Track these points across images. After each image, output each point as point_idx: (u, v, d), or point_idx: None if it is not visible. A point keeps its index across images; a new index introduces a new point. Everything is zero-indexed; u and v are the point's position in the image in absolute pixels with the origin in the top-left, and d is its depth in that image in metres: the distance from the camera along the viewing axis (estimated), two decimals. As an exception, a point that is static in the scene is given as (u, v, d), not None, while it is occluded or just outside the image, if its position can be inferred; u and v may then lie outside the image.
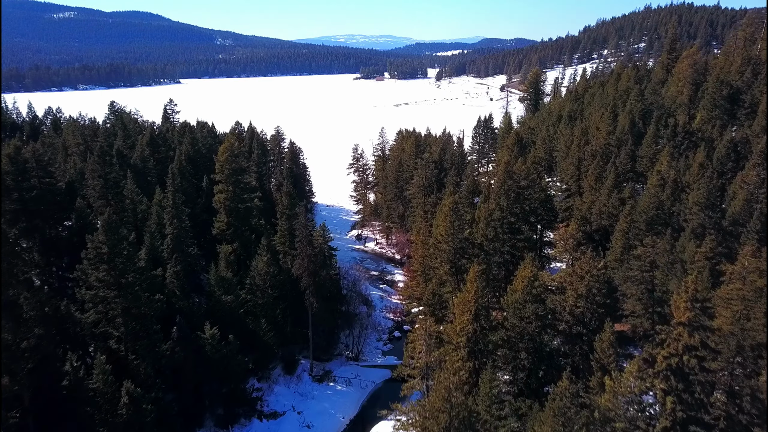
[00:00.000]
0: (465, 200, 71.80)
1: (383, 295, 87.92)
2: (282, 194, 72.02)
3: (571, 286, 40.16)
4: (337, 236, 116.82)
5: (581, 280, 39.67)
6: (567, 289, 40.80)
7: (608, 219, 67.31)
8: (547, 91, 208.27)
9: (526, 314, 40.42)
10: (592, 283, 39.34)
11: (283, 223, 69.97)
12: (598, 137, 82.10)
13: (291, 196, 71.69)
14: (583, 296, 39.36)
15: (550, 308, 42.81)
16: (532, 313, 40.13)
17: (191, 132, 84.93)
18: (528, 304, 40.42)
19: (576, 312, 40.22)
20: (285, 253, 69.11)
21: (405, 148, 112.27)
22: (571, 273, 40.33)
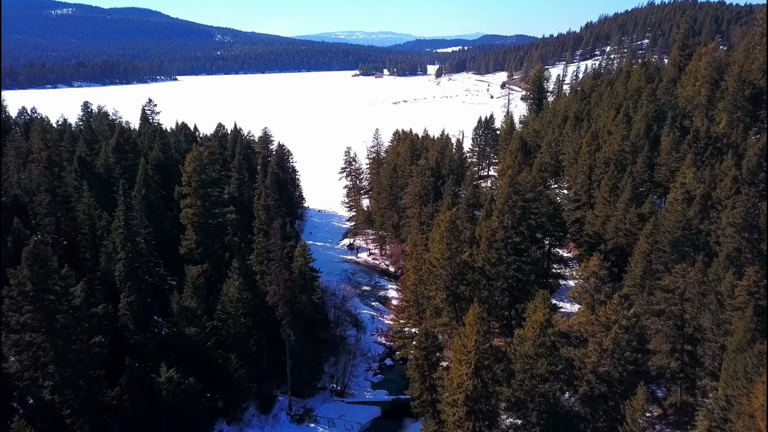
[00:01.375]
0: (464, 215, 64.21)
1: (375, 314, 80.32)
2: (260, 207, 64.40)
3: (594, 338, 32.67)
4: (327, 245, 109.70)
5: (607, 331, 32.18)
6: (588, 341, 33.29)
7: (626, 237, 59.72)
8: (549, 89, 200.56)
9: (538, 371, 32.95)
10: (620, 335, 31.81)
11: (260, 240, 62.36)
12: (610, 143, 74.42)
13: (268, 209, 64.02)
14: (609, 352, 31.87)
15: (565, 357, 35.23)
16: (546, 370, 32.65)
17: (162, 136, 77.23)
18: (541, 358, 32.93)
19: (600, 371, 32.73)
20: (263, 273, 61.49)
21: (400, 152, 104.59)
22: (594, 321, 32.82)
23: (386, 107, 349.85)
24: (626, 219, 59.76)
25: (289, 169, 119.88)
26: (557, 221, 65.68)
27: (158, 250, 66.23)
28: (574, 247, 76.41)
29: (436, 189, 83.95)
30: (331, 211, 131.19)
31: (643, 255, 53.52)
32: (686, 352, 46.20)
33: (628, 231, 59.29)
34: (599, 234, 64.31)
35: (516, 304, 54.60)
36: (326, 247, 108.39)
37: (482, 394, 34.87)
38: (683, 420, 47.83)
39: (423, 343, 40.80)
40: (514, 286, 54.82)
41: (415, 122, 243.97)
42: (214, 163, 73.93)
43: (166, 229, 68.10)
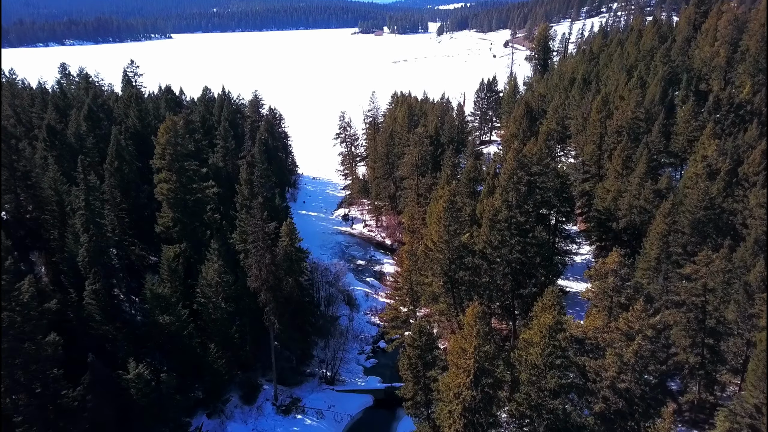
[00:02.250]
0: (464, 189, 59.17)
1: (369, 291, 76.19)
2: (243, 180, 59.33)
3: (613, 348, 28.19)
4: (321, 216, 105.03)
5: (628, 341, 27.71)
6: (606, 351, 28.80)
7: (640, 215, 54.84)
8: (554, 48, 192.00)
9: (547, 384, 28.60)
10: (644, 347, 27.31)
11: (243, 218, 57.59)
12: (623, 110, 68.73)
13: (252, 184, 58.98)
14: (630, 366, 27.43)
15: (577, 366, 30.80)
16: (557, 384, 28.30)
17: (139, 101, 71.36)
18: (550, 369, 28.53)
19: (619, 387, 28.37)
20: (247, 253, 56.98)
21: (398, 118, 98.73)
22: (613, 328, 28.29)
23: (386, 66, 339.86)
24: (641, 195, 54.77)
25: (280, 135, 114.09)
26: (565, 196, 60.73)
27: (135, 227, 61.59)
28: (582, 221, 71.71)
29: (435, 159, 78.59)
30: (326, 179, 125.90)
31: (660, 236, 48.78)
32: (707, 346, 41.95)
33: (642, 208, 54.39)
34: (610, 210, 59.41)
35: (520, 289, 50.16)
36: (320, 218, 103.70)
37: (482, 406, 30.66)
38: (700, 418, 43.99)
39: (417, 341, 36.44)
40: (517, 269, 50.23)
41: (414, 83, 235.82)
42: (194, 131, 68.46)
43: (144, 204, 63.27)
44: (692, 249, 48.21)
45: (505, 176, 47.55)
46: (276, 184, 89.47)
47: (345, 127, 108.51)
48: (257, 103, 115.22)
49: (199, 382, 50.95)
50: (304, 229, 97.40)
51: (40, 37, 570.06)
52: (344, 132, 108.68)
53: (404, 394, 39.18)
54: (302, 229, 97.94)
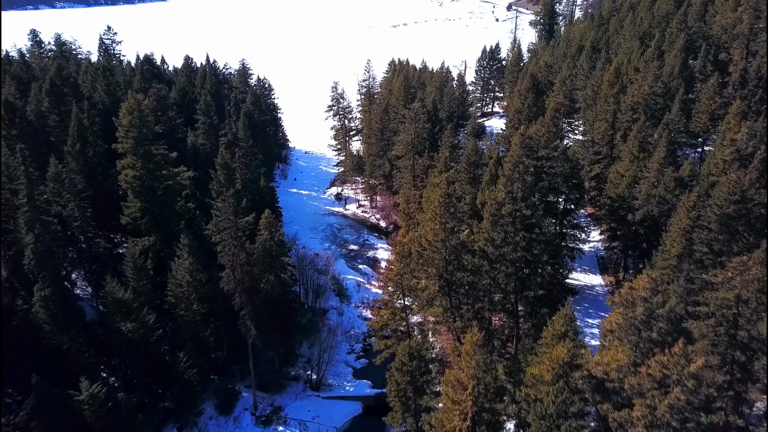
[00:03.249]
0: (464, 176, 53.42)
1: (361, 281, 71.17)
2: (217, 165, 53.56)
3: (642, 399, 23.00)
4: (313, 194, 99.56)
5: (662, 390, 22.58)
6: (634, 401, 23.61)
7: (659, 205, 49.24)
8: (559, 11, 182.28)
9: (560, 437, 23.61)
10: (682, 398, 22.12)
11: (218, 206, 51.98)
12: (640, 84, 62.43)
13: (228, 168, 53.22)
14: (665, 423, 22.31)
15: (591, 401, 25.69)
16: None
17: (106, 74, 64.78)
18: (564, 419, 23.47)
19: (650, 445, 23.34)
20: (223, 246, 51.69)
21: (394, 89, 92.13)
22: (643, 373, 23.01)
23: (385, 30, 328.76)
24: (660, 183, 49.07)
25: (269, 107, 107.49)
26: (574, 182, 55.08)
27: (102, 215, 56.09)
28: (591, 205, 66.13)
29: (433, 136, 72.58)
30: (319, 153, 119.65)
31: (683, 232, 43.41)
32: (738, 364, 36.90)
33: (662, 198, 48.77)
34: (623, 198, 53.78)
35: (524, 290, 44.95)
36: (311, 197, 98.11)
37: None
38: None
39: (406, 366, 31.38)
40: (522, 268, 44.93)
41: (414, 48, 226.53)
42: (168, 108, 62.28)
43: (112, 189, 57.58)
44: (720, 248, 42.92)
45: (509, 165, 41.87)
46: (262, 162, 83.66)
47: (338, 99, 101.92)
48: (245, 72, 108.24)
49: (169, 391, 46.35)
50: (295, 209, 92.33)
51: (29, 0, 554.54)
52: (337, 104, 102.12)
53: (392, 422, 34.35)
54: (292, 210, 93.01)
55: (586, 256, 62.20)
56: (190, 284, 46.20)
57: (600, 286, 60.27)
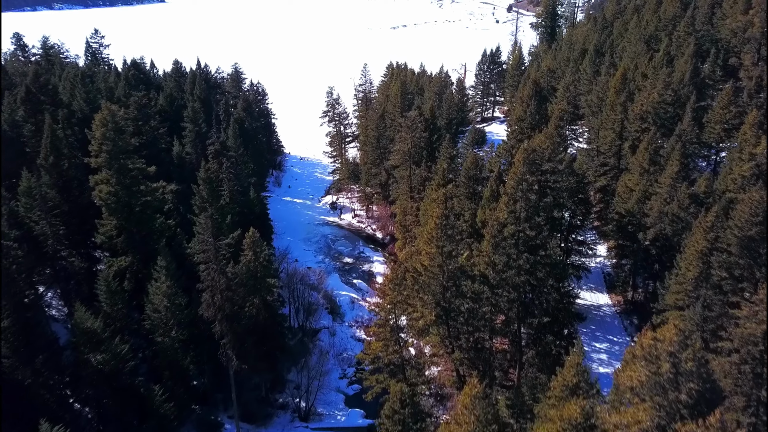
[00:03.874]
0: (463, 190, 50.05)
1: (356, 297, 67.85)
2: (200, 179, 50.20)
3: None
4: (307, 203, 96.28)
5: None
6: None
7: (672, 224, 45.91)
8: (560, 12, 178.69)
9: None
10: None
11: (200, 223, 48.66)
12: (649, 92, 59.14)
13: (210, 183, 49.85)
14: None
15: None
16: None
17: (85, 81, 61.24)
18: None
19: None
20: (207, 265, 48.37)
21: (390, 95, 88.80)
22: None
23: (384, 32, 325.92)
24: (674, 200, 45.75)
25: (263, 113, 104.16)
26: (581, 197, 51.77)
27: (80, 231, 52.75)
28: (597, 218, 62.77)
29: (431, 145, 69.29)
30: (315, 159, 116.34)
31: (699, 255, 40.11)
32: (764, 405, 33.52)
33: (675, 216, 45.43)
34: (633, 213, 50.45)
35: (528, 317, 41.60)
36: (305, 206, 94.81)
37: None
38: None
39: (398, 414, 28.06)
40: (525, 294, 41.59)
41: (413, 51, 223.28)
42: (150, 117, 58.96)
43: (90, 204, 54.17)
44: (741, 273, 39.60)
45: (512, 182, 38.53)
46: (253, 171, 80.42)
47: (333, 105, 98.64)
48: (238, 77, 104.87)
49: (145, 424, 43.02)
50: (288, 219, 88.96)
51: (28, 1, 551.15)
52: (332, 110, 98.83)
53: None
54: (286, 220, 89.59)
55: (591, 273, 58.84)
56: (168, 309, 42.91)
57: (607, 306, 56.93)
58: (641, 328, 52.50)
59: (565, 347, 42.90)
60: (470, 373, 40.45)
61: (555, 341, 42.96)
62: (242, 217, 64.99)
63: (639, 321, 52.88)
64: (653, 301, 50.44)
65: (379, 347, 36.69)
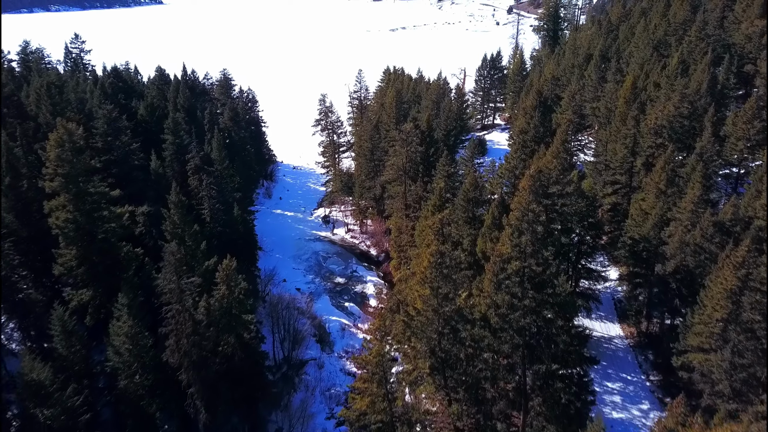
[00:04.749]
0: (461, 214, 45.31)
1: (347, 323, 63.09)
2: (171, 202, 45.47)
3: None
4: (299, 216, 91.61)
5: None
6: None
7: (694, 255, 41.22)
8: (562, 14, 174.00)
9: None
10: None
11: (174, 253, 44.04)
12: (664, 105, 54.46)
13: (182, 208, 45.11)
14: None
15: None
16: None
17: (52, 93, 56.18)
18: None
19: None
20: (179, 296, 43.69)
21: (386, 103, 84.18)
22: None
23: (383, 35, 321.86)
24: (696, 228, 41.05)
25: (253, 121, 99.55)
26: (591, 221, 47.07)
27: (41, 258, 48.08)
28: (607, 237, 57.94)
29: (427, 159, 64.66)
30: (309, 168, 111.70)
31: (728, 294, 35.42)
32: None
33: (698, 246, 40.73)
34: (649, 239, 45.74)
35: (535, 364, 36.91)
36: (297, 219, 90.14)
37: None
38: None
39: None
40: (531, 337, 36.90)
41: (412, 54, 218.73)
42: (120, 132, 54.27)
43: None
44: (776, 316, 34.86)
45: (516, 213, 33.88)
46: (239, 185, 75.75)
47: (326, 113, 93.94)
48: (227, 84, 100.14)
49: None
50: (278, 234, 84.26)
51: (24, 3, 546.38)
52: (325, 118, 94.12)
53: None
54: (275, 234, 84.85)
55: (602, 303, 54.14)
56: (131, 352, 38.25)
57: (619, 338, 52.18)
58: (657, 365, 48.13)
59: (576, 393, 38.37)
60: (469, 427, 35.77)
61: (564, 388, 38.25)
62: (224, 237, 60.46)
63: (655, 356, 48.30)
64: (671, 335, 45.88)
65: (365, 405, 32.00)
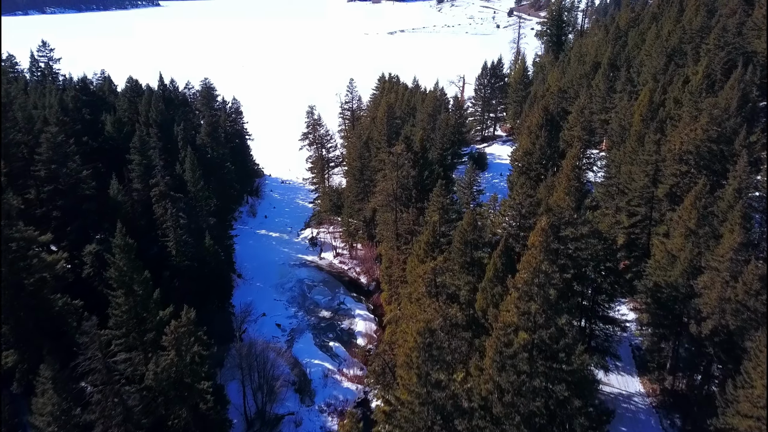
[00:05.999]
0: (458, 259, 38.48)
1: (331, 369, 56.18)
2: (116, 245, 38.66)
3: None
4: (284, 238, 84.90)
5: None
6: None
7: (735, 315, 34.48)
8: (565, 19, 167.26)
9: None
10: None
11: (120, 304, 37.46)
12: (689, 128, 47.72)
13: (129, 251, 38.32)
14: None
15: None
16: None
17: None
18: None
19: None
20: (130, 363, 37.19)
21: (377, 117, 77.51)
22: None
23: (381, 38, 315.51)
24: (739, 282, 34.30)
25: (237, 134, 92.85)
26: (608, 266, 40.36)
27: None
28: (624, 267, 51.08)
29: (422, 182, 58.00)
30: (299, 182, 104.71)
31: (784, 370, 28.72)
32: None
33: (741, 304, 33.98)
34: (677, 287, 39.01)
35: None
36: (282, 241, 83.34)
37: None
38: None
39: None
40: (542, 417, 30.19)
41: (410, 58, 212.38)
42: (68, 157, 47.51)
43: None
44: None
45: (525, 275, 27.22)
46: (216, 208, 69.14)
47: (314, 126, 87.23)
48: (209, 94, 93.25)
49: None
50: (260, 259, 77.35)
51: (19, 5, 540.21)
52: (313, 131, 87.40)
53: None
54: (257, 259, 77.77)
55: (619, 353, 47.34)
56: None
57: (639, 396, 45.38)
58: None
59: (594, 483, 31.72)
60: None
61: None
62: (192, 273, 53.88)
63: (683, 422, 41.51)
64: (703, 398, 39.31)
65: None
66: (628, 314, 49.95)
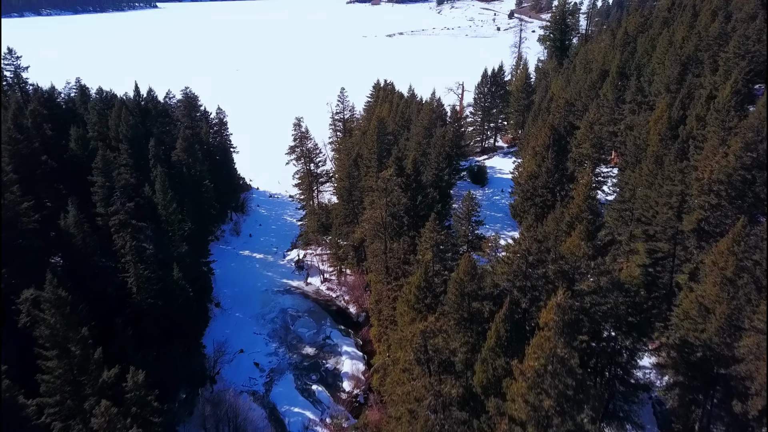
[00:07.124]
0: (453, 314, 32.45)
1: (312, 418, 50.17)
2: (45, 300, 32.56)
3: None
4: (269, 259, 78.89)
5: None
6: None
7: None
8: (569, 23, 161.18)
9: None
10: None
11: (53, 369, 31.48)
12: (720, 156, 41.71)
13: (62, 305, 32.19)
14: None
15: None
16: None
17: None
18: None
19: None
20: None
21: (369, 131, 71.50)
22: None
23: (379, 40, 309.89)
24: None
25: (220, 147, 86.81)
26: (632, 321, 34.29)
27: None
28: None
29: (414, 208, 52.02)
30: (288, 197, 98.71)
31: None
32: None
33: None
34: (711, 347, 33.03)
35: None
36: (266, 264, 77.23)
37: None
38: None
39: None
40: None
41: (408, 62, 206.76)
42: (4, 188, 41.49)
43: None
44: None
45: (535, 362, 21.31)
46: (191, 231, 63.17)
47: (302, 138, 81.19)
48: (191, 104, 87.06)
49: None
50: (241, 285, 70.93)
51: (14, 6, 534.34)
52: (301, 145, 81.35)
53: None
54: (239, 284, 71.00)
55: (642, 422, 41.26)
56: None
57: (662, 463, 39.46)
58: None
59: None
60: None
61: None
62: (155, 312, 47.93)
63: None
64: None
65: None
66: (647, 361, 44.13)
